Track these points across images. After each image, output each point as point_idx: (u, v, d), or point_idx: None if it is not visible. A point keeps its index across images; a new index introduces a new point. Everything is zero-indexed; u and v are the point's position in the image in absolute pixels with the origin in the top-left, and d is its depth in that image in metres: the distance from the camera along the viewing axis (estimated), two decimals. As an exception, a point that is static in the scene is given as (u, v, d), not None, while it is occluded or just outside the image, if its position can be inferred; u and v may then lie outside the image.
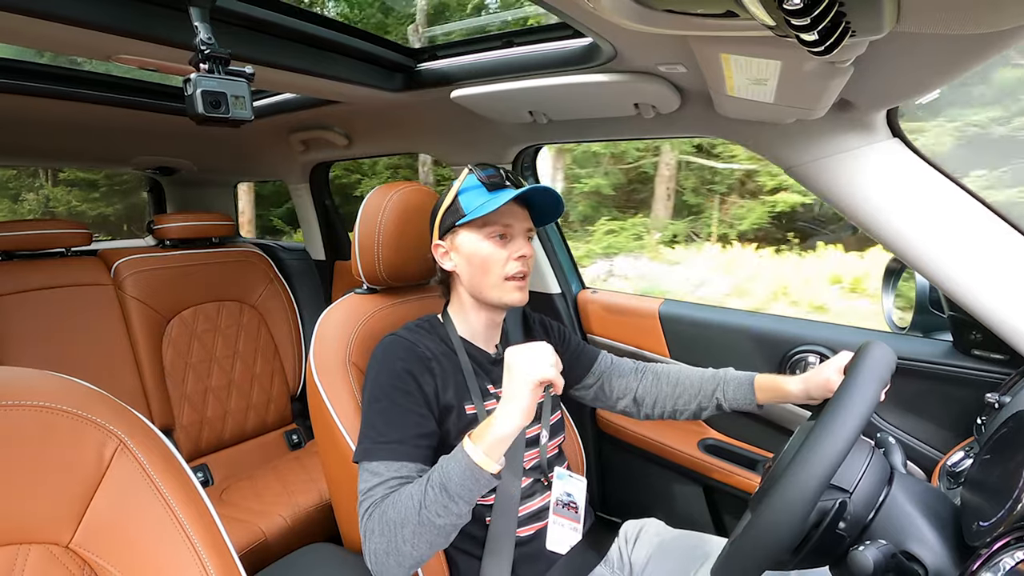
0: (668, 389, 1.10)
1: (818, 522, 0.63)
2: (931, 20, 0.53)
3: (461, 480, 0.74)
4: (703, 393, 1.06)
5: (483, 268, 0.96)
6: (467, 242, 0.97)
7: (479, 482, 0.75)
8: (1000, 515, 0.55)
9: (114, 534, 0.57)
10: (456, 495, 0.75)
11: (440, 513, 0.75)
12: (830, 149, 0.96)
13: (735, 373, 1.06)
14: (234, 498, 1.64)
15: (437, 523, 0.75)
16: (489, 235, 0.95)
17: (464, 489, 0.75)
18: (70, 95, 1.36)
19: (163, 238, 1.99)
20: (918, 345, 1.12)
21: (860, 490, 0.65)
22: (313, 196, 2.18)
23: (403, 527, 0.75)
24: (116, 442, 0.59)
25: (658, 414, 1.12)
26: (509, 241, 0.96)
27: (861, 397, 0.63)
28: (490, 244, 0.95)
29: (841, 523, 0.63)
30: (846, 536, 0.63)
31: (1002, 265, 0.88)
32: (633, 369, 1.15)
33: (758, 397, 1.01)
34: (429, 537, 0.76)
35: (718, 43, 0.72)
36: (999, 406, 0.82)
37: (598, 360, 1.16)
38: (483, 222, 0.94)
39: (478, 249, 0.95)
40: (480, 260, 0.95)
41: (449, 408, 0.92)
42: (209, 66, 0.84)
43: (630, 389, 1.13)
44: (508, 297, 0.96)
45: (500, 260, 0.95)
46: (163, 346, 1.80)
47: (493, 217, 0.93)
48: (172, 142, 2.00)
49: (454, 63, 1.24)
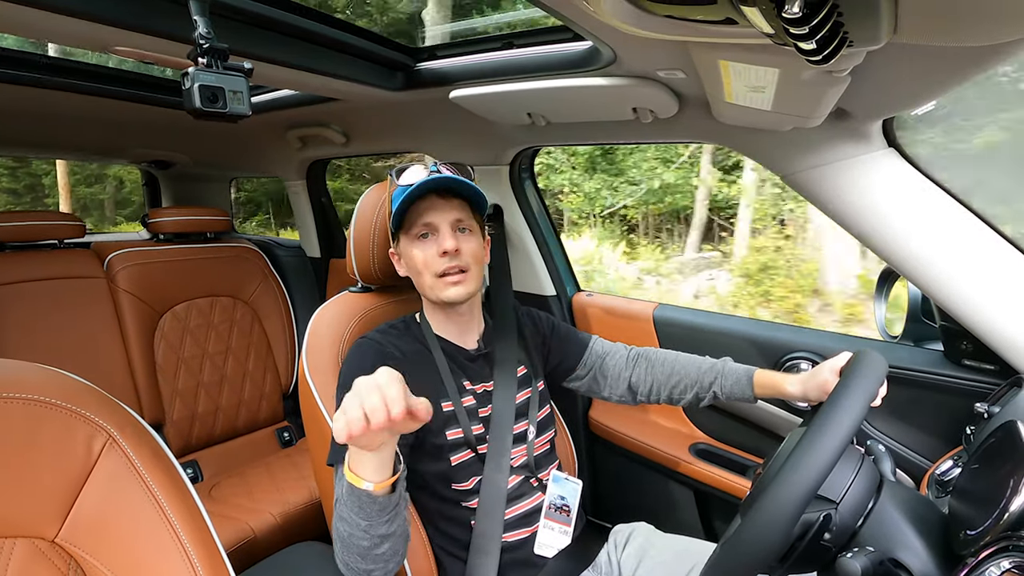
0: (663, 377, 1.09)
1: (802, 534, 0.63)
2: (928, 32, 0.53)
3: (347, 499, 0.70)
4: (700, 384, 1.05)
5: (417, 271, 0.96)
6: (404, 246, 0.98)
7: (360, 500, 0.68)
8: (987, 524, 0.55)
9: (101, 529, 0.57)
10: (356, 516, 0.70)
11: (352, 532, 0.71)
12: (826, 158, 0.97)
13: (734, 365, 1.05)
14: (224, 495, 1.63)
15: (358, 542, 0.71)
16: (415, 236, 0.95)
17: (352, 508, 0.69)
18: (67, 86, 1.35)
19: (157, 232, 1.98)
20: (909, 354, 1.13)
21: (849, 498, 0.65)
22: (309, 193, 2.17)
23: (341, 541, 0.74)
24: (105, 437, 0.58)
25: (654, 400, 1.11)
26: (434, 238, 0.95)
27: (850, 407, 0.64)
28: (419, 246, 0.95)
29: (826, 534, 0.63)
30: (832, 546, 0.64)
31: (994, 277, 0.89)
32: (626, 356, 1.15)
33: (756, 392, 1.01)
34: (361, 552, 0.72)
35: (717, 50, 0.72)
36: (988, 416, 0.82)
37: (589, 348, 1.16)
38: (408, 224, 0.95)
39: (409, 253, 0.96)
40: (414, 263, 0.96)
41: None
42: (207, 60, 0.84)
43: (623, 378, 1.12)
44: (444, 294, 0.95)
45: (426, 259, 0.94)
46: (155, 340, 1.78)
47: (413, 217, 0.94)
48: (169, 136, 1.99)
49: (454, 63, 1.24)
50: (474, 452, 0.95)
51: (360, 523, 0.70)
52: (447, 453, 0.94)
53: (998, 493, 0.57)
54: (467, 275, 0.96)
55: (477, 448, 0.96)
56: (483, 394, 1.01)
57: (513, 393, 1.02)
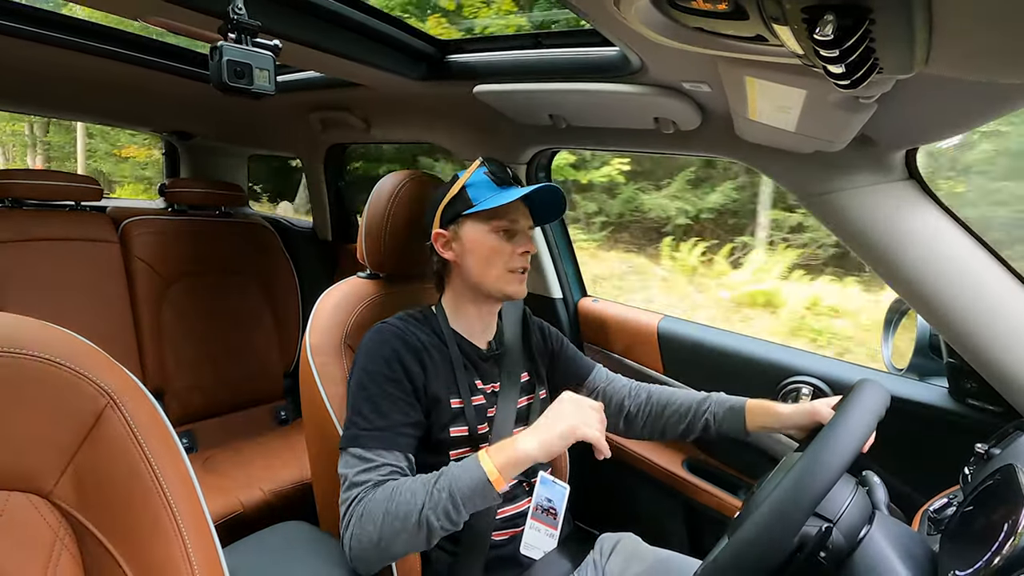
0: (658, 410, 1.10)
1: (800, 546, 0.63)
2: (961, 66, 0.53)
3: (471, 491, 0.77)
4: (693, 414, 1.06)
5: (487, 260, 0.97)
6: (472, 233, 0.97)
7: (486, 497, 0.77)
8: (978, 566, 0.55)
9: (94, 490, 0.57)
10: (461, 504, 0.76)
11: (441, 517, 0.76)
12: (846, 183, 0.96)
13: (726, 397, 1.07)
14: (216, 467, 1.65)
15: (435, 526, 0.76)
16: (496, 228, 0.97)
17: (470, 501, 0.77)
18: (97, 51, 1.36)
19: (173, 202, 2.00)
20: (913, 388, 1.12)
21: (845, 519, 0.65)
22: (327, 176, 2.18)
23: (403, 521, 0.77)
24: (106, 400, 0.59)
25: (647, 435, 1.13)
26: (514, 236, 0.98)
27: (853, 430, 0.64)
28: (497, 237, 0.97)
29: (822, 552, 0.63)
30: (825, 565, 0.63)
31: (1005, 318, 0.88)
32: (627, 387, 1.16)
33: (748, 421, 1.01)
34: (423, 536, 0.77)
35: (745, 66, 0.72)
36: (988, 457, 0.81)
37: (593, 374, 1.16)
38: (491, 215, 0.96)
39: (484, 241, 0.97)
40: (486, 252, 0.97)
41: (436, 401, 0.92)
42: (237, 35, 0.84)
43: (624, 408, 1.13)
44: (509, 288, 0.98)
45: (505, 254, 0.97)
46: (163, 309, 1.80)
47: (502, 211, 0.95)
48: (193, 108, 2.01)
49: (480, 58, 1.24)
50: (474, 450, 0.96)
51: (454, 516, 0.77)
52: (448, 448, 0.94)
53: (991, 536, 0.57)
54: (526, 276, 1.01)
55: (479, 447, 0.96)
56: (491, 394, 1.02)
57: (516, 397, 1.02)
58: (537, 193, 0.97)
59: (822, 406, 0.94)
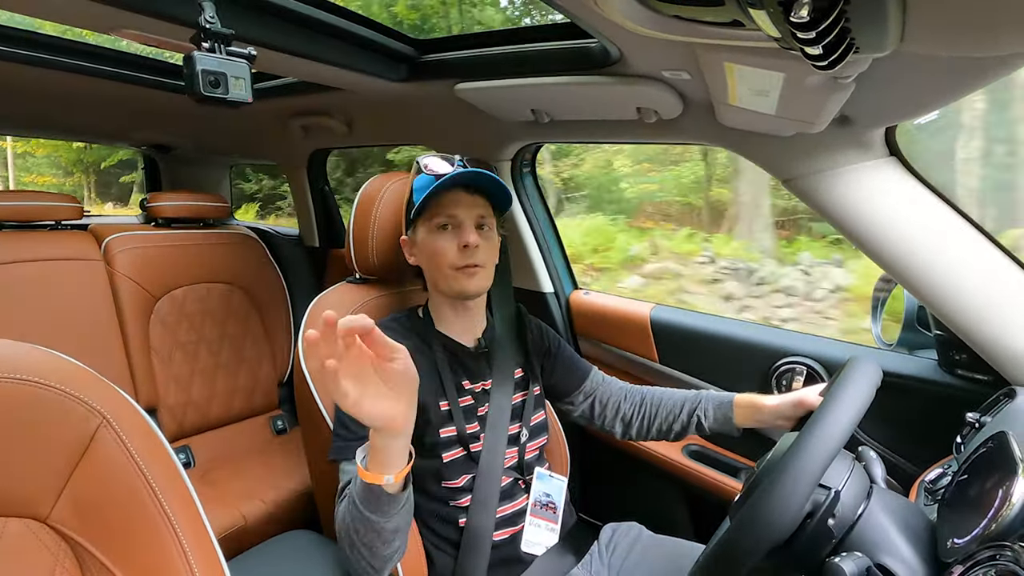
0: (653, 411, 1.11)
1: (812, 512, 0.64)
2: (935, 42, 0.53)
3: (363, 494, 0.71)
4: (686, 414, 1.07)
5: (432, 260, 0.96)
6: (420, 235, 0.97)
7: (378, 496, 0.71)
8: (975, 533, 0.56)
9: (92, 512, 0.57)
10: (364, 509, 0.72)
11: (360, 528, 0.73)
12: (827, 164, 0.97)
13: (716, 394, 1.08)
14: (216, 481, 1.64)
15: (360, 540, 0.74)
16: (436, 226, 0.95)
17: (367, 504, 0.71)
18: (70, 67, 1.34)
19: (156, 216, 1.97)
20: (903, 362, 1.13)
21: (848, 488, 0.66)
22: (310, 182, 2.17)
23: (349, 534, 0.75)
24: (99, 420, 0.58)
25: (643, 436, 1.13)
26: (455, 231, 0.95)
27: (850, 404, 0.65)
28: (437, 236, 0.95)
29: (831, 520, 0.64)
30: (834, 535, 0.64)
31: (989, 288, 0.89)
32: (623, 390, 1.16)
33: (736, 417, 1.02)
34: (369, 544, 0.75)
35: (723, 52, 0.72)
36: (979, 426, 0.83)
37: (589, 377, 1.16)
38: (430, 214, 0.94)
39: (427, 241, 0.96)
40: (429, 252, 0.96)
41: (423, 405, 0.91)
42: (211, 44, 0.83)
43: (620, 410, 1.13)
44: (458, 286, 0.95)
45: (449, 252, 0.94)
46: (151, 325, 1.78)
47: (436, 208, 0.93)
48: (170, 120, 1.98)
49: (459, 56, 1.24)
50: (466, 450, 0.96)
51: (374, 520, 0.72)
52: (440, 450, 0.94)
53: (986, 503, 0.58)
54: (482, 270, 0.96)
55: (470, 446, 0.96)
56: (481, 392, 1.01)
57: (510, 393, 1.02)
58: (490, 180, 0.95)
59: (810, 393, 0.95)
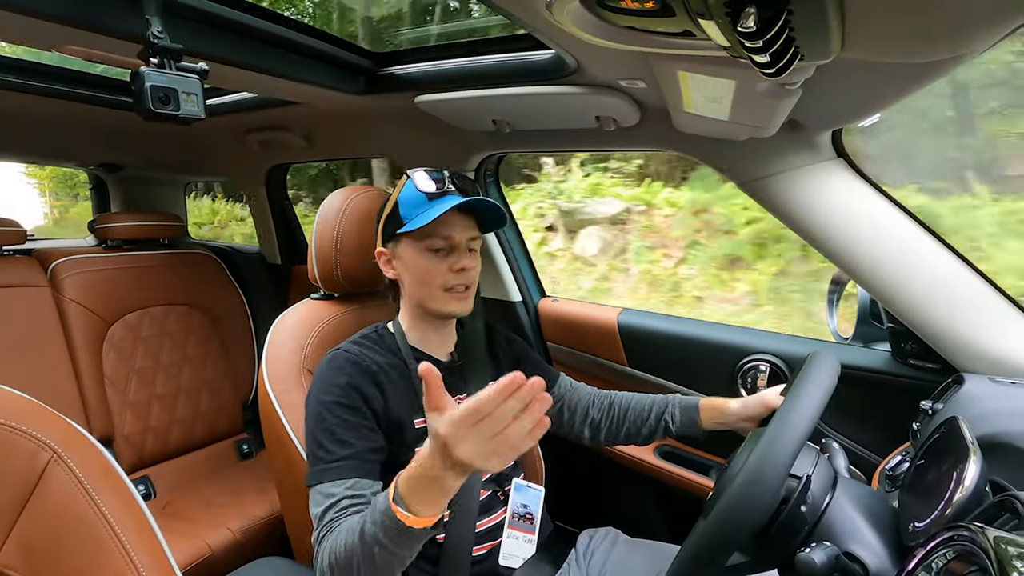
0: (621, 416, 1.12)
1: (786, 498, 0.66)
2: (873, 49, 0.56)
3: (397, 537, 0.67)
4: (653, 417, 1.08)
5: (422, 281, 0.94)
6: (407, 253, 0.95)
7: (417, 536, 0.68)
8: (934, 516, 0.58)
9: (46, 551, 0.54)
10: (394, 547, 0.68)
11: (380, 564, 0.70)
12: (779, 166, 1.00)
13: (683, 398, 1.09)
14: (179, 511, 1.57)
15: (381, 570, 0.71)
16: (428, 248, 0.92)
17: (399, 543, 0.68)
18: (7, 84, 1.28)
19: (106, 238, 1.89)
20: (860, 355, 1.18)
21: (816, 474, 0.68)
22: (270, 198, 2.12)
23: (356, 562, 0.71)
24: (49, 454, 0.55)
25: (611, 441, 1.13)
26: (449, 254, 0.93)
27: (814, 392, 0.68)
28: (429, 257, 0.93)
29: (803, 506, 0.66)
30: (807, 520, 0.66)
31: (934, 280, 0.94)
32: (591, 395, 1.16)
33: (702, 418, 1.04)
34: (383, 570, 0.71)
35: (676, 61, 0.74)
36: (932, 413, 0.87)
37: (557, 383, 1.16)
38: (422, 234, 0.91)
39: (418, 261, 0.93)
40: (419, 273, 0.94)
41: (399, 424, 0.90)
42: (160, 60, 0.81)
43: (589, 415, 1.14)
44: (448, 308, 0.94)
45: (440, 273, 0.93)
46: (104, 352, 1.70)
47: (432, 229, 0.90)
48: (118, 138, 1.91)
49: (418, 68, 1.24)
50: None
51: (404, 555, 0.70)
52: None
53: (942, 486, 0.60)
54: (471, 291, 0.96)
55: None
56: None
57: None
58: (489, 206, 0.94)
59: (771, 394, 0.98)
